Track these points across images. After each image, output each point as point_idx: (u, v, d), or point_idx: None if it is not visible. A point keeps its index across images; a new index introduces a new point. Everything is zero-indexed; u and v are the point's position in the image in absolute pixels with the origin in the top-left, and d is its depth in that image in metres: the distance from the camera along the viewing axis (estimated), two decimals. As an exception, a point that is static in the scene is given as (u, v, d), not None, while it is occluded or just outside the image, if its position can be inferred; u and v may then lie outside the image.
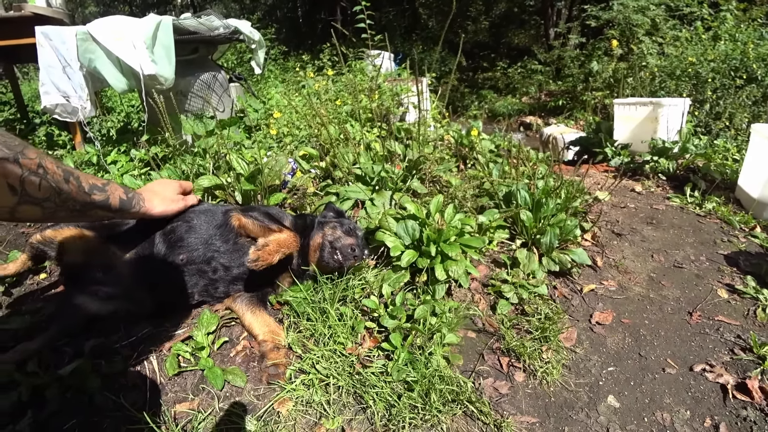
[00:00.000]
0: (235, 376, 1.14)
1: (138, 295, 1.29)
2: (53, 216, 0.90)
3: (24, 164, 0.77)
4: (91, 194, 0.95)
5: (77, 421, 1.03)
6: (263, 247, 1.21)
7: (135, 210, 1.12)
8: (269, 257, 1.21)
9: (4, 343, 1.29)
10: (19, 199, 0.78)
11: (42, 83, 2.13)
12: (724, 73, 4.33)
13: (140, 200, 1.14)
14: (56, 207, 0.87)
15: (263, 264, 1.20)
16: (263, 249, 1.21)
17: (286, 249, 1.27)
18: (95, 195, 0.96)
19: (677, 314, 1.55)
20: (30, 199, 0.80)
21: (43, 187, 0.82)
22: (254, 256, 1.19)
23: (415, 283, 1.46)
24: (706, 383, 1.27)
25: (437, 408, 1.07)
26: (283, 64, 8.64)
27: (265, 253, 1.21)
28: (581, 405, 1.18)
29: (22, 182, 0.77)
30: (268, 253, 1.21)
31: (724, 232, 2.14)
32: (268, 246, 1.22)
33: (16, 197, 0.77)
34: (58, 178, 0.85)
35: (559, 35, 11.00)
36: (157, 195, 1.23)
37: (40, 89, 2.15)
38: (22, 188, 0.78)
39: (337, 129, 2.15)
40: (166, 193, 1.26)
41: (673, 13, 6.31)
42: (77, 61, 2.14)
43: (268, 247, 1.22)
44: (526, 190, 1.82)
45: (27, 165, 0.78)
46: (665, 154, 2.93)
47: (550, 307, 1.49)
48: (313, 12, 20.96)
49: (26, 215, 0.83)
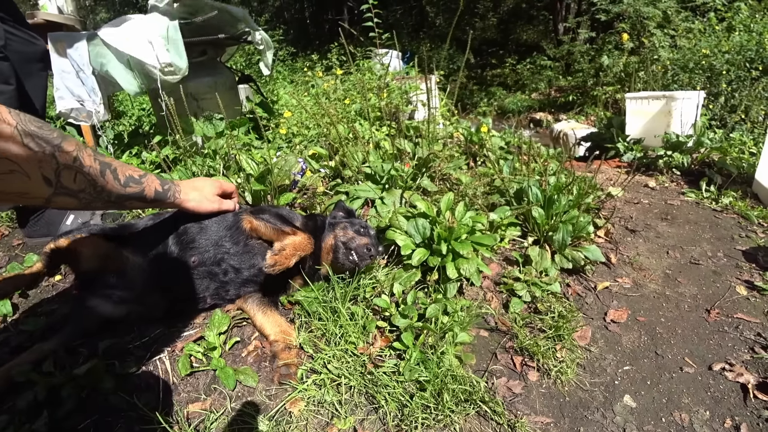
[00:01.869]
0: (246, 376, 1.14)
1: (150, 299, 1.30)
2: (89, 206, 0.92)
3: (60, 157, 0.78)
4: (126, 186, 0.96)
5: (92, 421, 1.04)
6: (280, 251, 1.21)
7: (170, 201, 1.14)
8: (286, 261, 1.22)
9: (21, 344, 1.31)
10: (54, 190, 0.79)
11: (56, 88, 2.17)
12: (739, 64, 4.24)
13: (176, 191, 1.15)
14: (92, 198, 0.88)
15: (280, 268, 1.21)
16: (280, 254, 1.21)
17: (301, 252, 1.27)
18: (130, 187, 0.98)
19: (694, 312, 1.52)
20: (65, 190, 0.81)
21: (78, 179, 0.83)
22: (271, 261, 1.20)
23: (427, 281, 1.44)
24: (726, 383, 1.24)
25: (450, 408, 1.06)
26: (291, 65, 8.67)
27: (282, 257, 1.21)
28: (597, 405, 1.16)
29: (57, 174, 0.78)
30: (285, 257, 1.22)
31: (742, 228, 2.09)
32: (285, 250, 1.22)
33: (51, 188, 0.78)
34: (94, 171, 0.87)
35: (568, 30, 10.88)
36: (196, 189, 1.24)
37: (55, 94, 2.18)
38: (57, 180, 0.79)
39: (346, 128, 2.14)
40: (205, 190, 1.27)
41: (685, 5, 6.20)
42: (89, 65, 2.17)
43: (285, 252, 1.22)
44: (537, 187, 1.79)
45: (63, 158, 0.79)
46: (679, 149, 2.87)
47: (563, 305, 1.47)
48: (320, 12, 21.03)
49: (62, 205, 0.84)
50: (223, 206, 1.32)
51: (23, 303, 1.54)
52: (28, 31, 1.98)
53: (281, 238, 1.27)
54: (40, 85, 2.08)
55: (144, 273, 1.28)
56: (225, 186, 1.35)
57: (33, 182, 0.75)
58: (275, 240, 1.28)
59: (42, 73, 2.08)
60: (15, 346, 1.30)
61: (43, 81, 2.10)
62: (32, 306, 1.53)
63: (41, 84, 2.08)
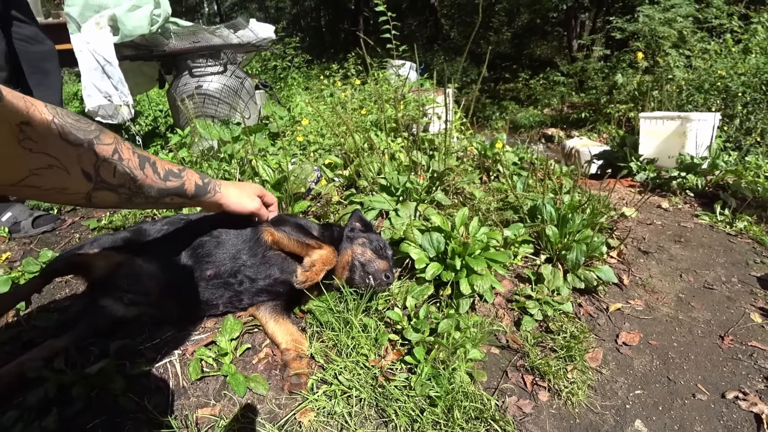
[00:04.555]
0: (257, 384, 1.14)
1: (163, 305, 1.30)
2: (129, 202, 0.89)
3: (99, 150, 0.77)
4: (166, 180, 0.94)
5: (101, 421, 1.04)
6: (310, 267, 1.24)
7: (209, 196, 1.09)
8: (316, 277, 1.24)
9: (32, 339, 1.32)
10: (94, 185, 0.78)
11: (84, 87, 2.22)
12: (756, 87, 4.21)
13: (216, 187, 1.11)
14: (132, 193, 0.86)
15: (310, 283, 1.23)
16: (311, 270, 1.23)
17: (329, 266, 1.29)
18: (170, 181, 0.95)
19: (708, 338, 1.50)
20: (105, 185, 0.80)
21: (118, 173, 0.81)
22: (303, 278, 1.22)
23: (440, 296, 1.44)
24: (739, 412, 1.21)
25: (460, 425, 1.05)
26: (306, 72, 8.76)
27: (313, 273, 1.24)
28: (607, 428, 1.15)
29: (96, 168, 0.77)
30: (315, 273, 1.24)
31: (757, 253, 2.06)
32: (315, 266, 1.24)
33: (91, 183, 0.77)
34: (133, 164, 0.85)
35: (582, 47, 10.89)
36: (237, 189, 1.20)
37: (83, 93, 2.23)
38: (96, 174, 0.77)
39: (362, 138, 2.16)
40: (245, 192, 1.23)
41: (701, 26, 6.19)
42: (116, 58, 2.21)
43: (315, 267, 1.24)
44: (552, 205, 1.79)
45: (102, 151, 0.77)
46: (693, 170, 2.85)
47: (575, 325, 1.46)
48: (336, 21, 21.28)
49: (102, 201, 0.82)
50: (262, 211, 1.28)
51: (36, 298, 1.55)
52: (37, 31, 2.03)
53: (309, 252, 1.27)
54: (55, 84, 2.12)
55: (158, 281, 1.28)
56: (267, 194, 1.32)
57: (72, 177, 0.74)
58: (301, 254, 1.29)
59: (55, 71, 2.13)
60: (27, 341, 1.31)
61: (57, 79, 2.14)
62: (45, 301, 1.55)
63: (56, 82, 2.13)
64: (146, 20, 2.20)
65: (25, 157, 0.66)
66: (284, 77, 7.84)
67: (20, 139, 0.64)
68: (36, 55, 2.05)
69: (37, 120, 0.67)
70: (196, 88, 2.54)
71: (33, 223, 1.98)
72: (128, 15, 2.19)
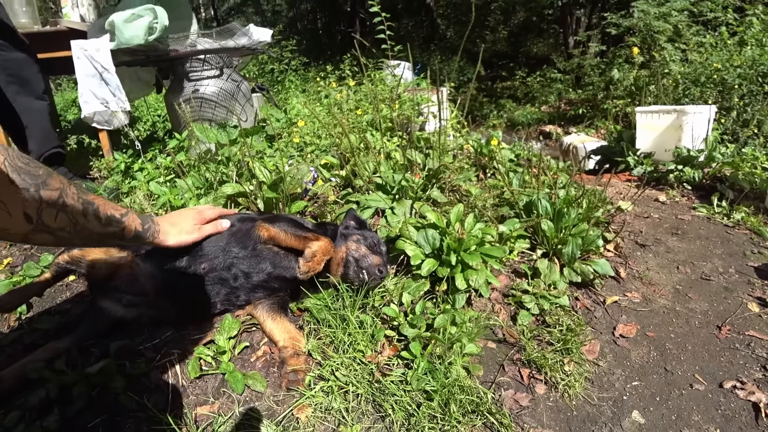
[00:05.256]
0: (255, 381, 1.15)
1: (162, 304, 1.32)
2: (66, 243, 0.91)
3: (44, 195, 0.76)
4: (107, 226, 0.94)
5: (101, 420, 1.06)
6: (312, 257, 1.27)
7: (150, 240, 1.11)
8: (318, 266, 1.28)
9: (34, 341, 1.34)
10: (33, 227, 0.77)
11: (81, 93, 2.23)
12: (752, 79, 4.22)
13: (155, 231, 1.13)
14: (70, 236, 0.87)
15: (312, 273, 1.27)
16: (312, 260, 1.27)
17: (328, 256, 1.32)
18: (111, 227, 0.96)
19: (705, 328, 1.50)
20: (45, 228, 0.79)
21: (59, 218, 0.81)
22: (305, 268, 1.26)
23: (435, 292, 1.45)
24: (737, 401, 1.22)
25: (456, 418, 1.06)
26: (304, 74, 8.79)
27: (315, 263, 1.27)
28: (604, 420, 1.16)
29: (39, 212, 0.77)
30: (317, 262, 1.28)
31: (754, 244, 2.07)
32: (316, 256, 1.28)
33: (30, 225, 0.77)
34: (77, 210, 0.85)
35: (578, 43, 10.91)
36: (175, 226, 1.21)
37: (80, 99, 2.25)
38: (38, 218, 0.77)
39: (357, 138, 2.17)
40: (184, 225, 1.24)
41: (696, 19, 6.19)
42: (113, 65, 2.23)
43: (316, 257, 1.28)
44: (547, 200, 1.80)
45: (47, 196, 0.77)
46: (690, 163, 2.86)
47: (572, 318, 1.47)
48: (333, 23, 21.33)
49: (39, 241, 0.82)
50: (205, 233, 1.28)
51: (37, 302, 1.57)
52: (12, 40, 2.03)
53: (308, 244, 1.30)
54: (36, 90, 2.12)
55: (155, 280, 1.30)
56: (205, 214, 1.32)
57: (14, 219, 0.73)
58: (299, 247, 1.31)
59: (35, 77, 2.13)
60: (29, 344, 1.33)
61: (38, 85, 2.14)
62: (46, 305, 1.56)
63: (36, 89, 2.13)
64: (143, 30, 2.21)
65: None
66: (281, 80, 7.87)
67: None
68: (11, 64, 2.04)
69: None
70: (192, 92, 2.56)
71: None
72: (126, 25, 2.21)
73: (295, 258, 1.35)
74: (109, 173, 2.41)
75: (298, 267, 1.28)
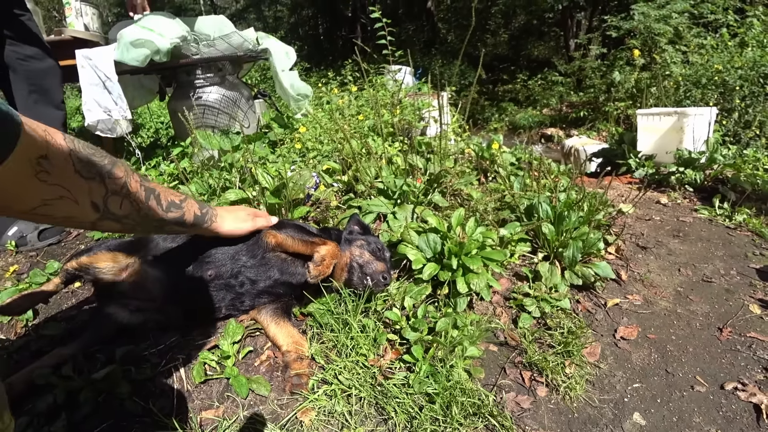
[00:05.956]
0: (259, 385, 1.16)
1: (167, 310, 1.33)
2: (131, 230, 0.93)
3: (109, 184, 0.79)
4: (168, 212, 0.97)
5: (108, 425, 1.07)
6: (321, 261, 1.29)
7: (207, 225, 1.14)
8: (327, 270, 1.31)
9: (41, 348, 1.36)
10: (101, 215, 0.80)
11: (84, 102, 2.27)
12: (753, 80, 4.22)
13: (212, 216, 1.16)
14: (135, 223, 0.89)
15: (323, 277, 1.30)
16: (322, 264, 1.29)
17: (336, 259, 1.35)
18: (172, 212, 0.98)
19: (706, 330, 1.51)
20: (111, 216, 0.82)
21: (124, 205, 0.84)
22: (316, 272, 1.28)
23: (437, 295, 1.46)
24: (738, 402, 1.22)
25: (458, 421, 1.07)
26: (305, 80, 8.84)
27: (324, 267, 1.29)
28: (606, 422, 1.16)
29: (105, 200, 0.79)
30: (326, 266, 1.30)
31: (756, 245, 2.07)
32: (325, 260, 1.30)
33: (98, 214, 0.79)
34: (140, 197, 0.88)
35: (579, 46, 10.92)
36: (231, 213, 1.26)
37: (83, 108, 2.28)
38: (104, 206, 0.80)
39: (359, 143, 2.19)
40: (239, 213, 1.29)
41: (696, 21, 6.20)
42: (115, 74, 2.27)
43: (326, 261, 1.30)
44: (547, 203, 1.81)
45: (112, 184, 0.80)
46: (692, 165, 2.86)
47: (573, 321, 1.48)
48: (334, 29, 21.45)
49: (106, 228, 0.86)
50: (258, 224, 1.33)
51: (44, 308, 1.59)
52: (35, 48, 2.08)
53: (316, 249, 1.32)
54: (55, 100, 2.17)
55: (161, 285, 1.31)
56: (259, 212, 1.38)
57: (81, 207, 0.76)
58: (307, 252, 1.33)
59: (55, 88, 2.18)
60: (35, 350, 1.35)
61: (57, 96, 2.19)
62: (52, 311, 1.58)
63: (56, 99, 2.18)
64: (143, 57, 2.26)
65: (39, 189, 0.67)
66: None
67: (37, 171, 0.65)
68: (37, 73, 2.10)
69: (54, 153, 0.67)
70: (195, 99, 2.59)
71: (39, 236, 2.03)
72: (131, 47, 2.25)
73: (301, 264, 1.36)
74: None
75: (308, 271, 1.29)
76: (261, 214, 1.38)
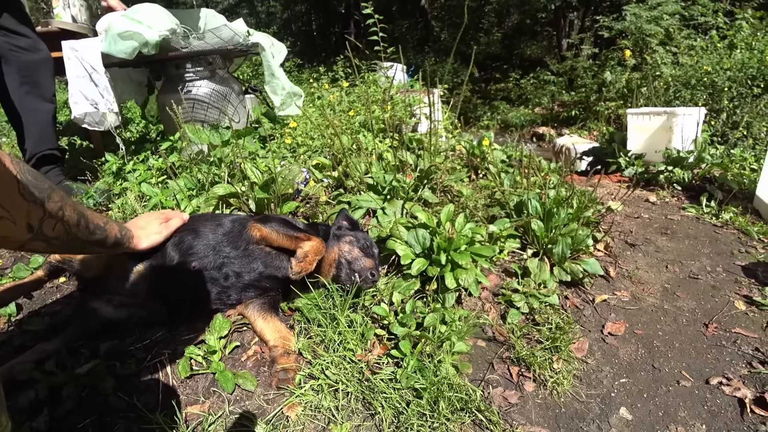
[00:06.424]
0: (245, 380, 1.15)
1: (153, 304, 1.32)
2: (55, 250, 0.97)
3: (47, 207, 0.82)
4: (93, 234, 1.00)
5: (91, 421, 1.05)
6: (304, 258, 1.28)
7: (126, 245, 1.17)
8: (310, 267, 1.29)
9: (24, 343, 1.33)
10: (32, 236, 0.82)
11: (71, 94, 2.22)
12: (741, 81, 4.28)
13: (129, 237, 1.18)
14: (60, 244, 0.91)
15: (305, 273, 1.28)
16: (304, 260, 1.28)
17: (320, 255, 1.33)
18: (97, 235, 1.01)
19: (692, 326, 1.52)
20: (42, 237, 0.84)
21: (57, 228, 0.86)
22: (298, 269, 1.27)
23: (425, 291, 1.46)
24: (723, 397, 1.24)
25: (445, 416, 1.07)
26: (298, 76, 8.80)
27: (306, 263, 1.28)
28: (592, 416, 1.17)
29: (41, 223, 0.82)
30: (309, 263, 1.29)
31: (742, 243, 2.10)
32: (308, 257, 1.29)
33: (30, 234, 0.81)
34: (72, 221, 0.90)
35: (571, 46, 10.99)
36: (143, 230, 1.26)
37: (70, 100, 2.24)
38: (39, 228, 0.82)
39: (349, 139, 2.18)
40: (150, 228, 1.29)
41: (687, 23, 6.27)
42: (102, 66, 2.23)
43: (308, 258, 1.29)
44: (537, 200, 1.81)
45: (50, 208, 0.82)
46: (680, 164, 2.89)
47: (561, 317, 1.48)
48: (327, 25, 21.36)
49: (32, 248, 0.87)
50: (172, 228, 1.33)
51: (27, 303, 1.56)
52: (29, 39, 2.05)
53: (300, 244, 1.31)
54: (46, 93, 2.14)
55: (146, 280, 1.29)
56: (167, 213, 1.37)
57: (17, 228, 0.78)
58: (291, 247, 1.32)
59: (47, 80, 2.15)
60: (18, 346, 1.32)
61: (48, 88, 2.16)
62: (36, 306, 1.55)
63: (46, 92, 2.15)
64: (131, 50, 2.22)
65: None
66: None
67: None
68: (30, 65, 2.06)
69: (1, 175, 0.69)
70: (185, 93, 2.55)
71: None
72: (118, 39, 2.21)
73: (286, 258, 1.35)
74: (100, 174, 2.40)
75: (291, 267, 1.29)
76: (172, 214, 1.37)
